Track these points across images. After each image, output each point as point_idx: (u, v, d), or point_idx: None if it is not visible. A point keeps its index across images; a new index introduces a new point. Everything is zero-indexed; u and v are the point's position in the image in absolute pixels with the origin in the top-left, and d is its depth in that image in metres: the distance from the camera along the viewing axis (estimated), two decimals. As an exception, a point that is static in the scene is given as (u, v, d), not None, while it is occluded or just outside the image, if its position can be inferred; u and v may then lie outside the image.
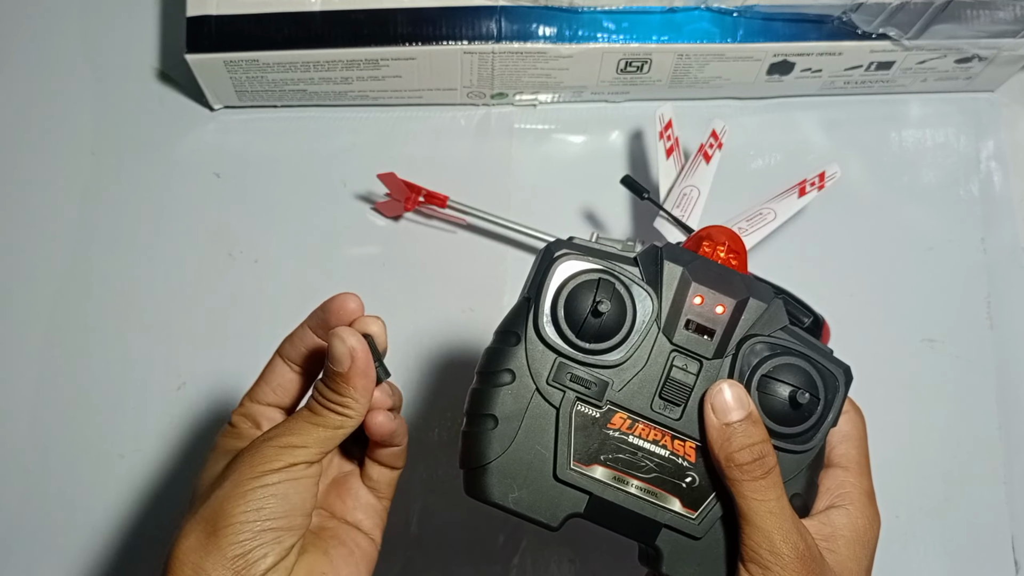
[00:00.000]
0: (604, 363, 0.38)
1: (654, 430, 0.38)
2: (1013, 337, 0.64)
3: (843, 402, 0.38)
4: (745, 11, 0.62)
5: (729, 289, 0.38)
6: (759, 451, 0.36)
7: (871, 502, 0.39)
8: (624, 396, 0.38)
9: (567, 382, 0.37)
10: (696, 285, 0.38)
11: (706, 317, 0.38)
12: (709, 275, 0.38)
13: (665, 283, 0.38)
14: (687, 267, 0.38)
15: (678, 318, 0.38)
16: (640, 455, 0.38)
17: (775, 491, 0.36)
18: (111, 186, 0.66)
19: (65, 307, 0.64)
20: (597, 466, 0.38)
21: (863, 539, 0.38)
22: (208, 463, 0.40)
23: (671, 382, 0.38)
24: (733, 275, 0.39)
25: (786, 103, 0.68)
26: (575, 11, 0.62)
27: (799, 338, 0.39)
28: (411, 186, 0.62)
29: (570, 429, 0.37)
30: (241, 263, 0.65)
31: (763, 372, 0.38)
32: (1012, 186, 0.67)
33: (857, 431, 0.41)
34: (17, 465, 0.61)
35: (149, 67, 0.69)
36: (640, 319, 0.38)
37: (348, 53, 0.61)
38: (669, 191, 0.59)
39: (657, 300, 0.38)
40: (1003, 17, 0.62)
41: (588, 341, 0.37)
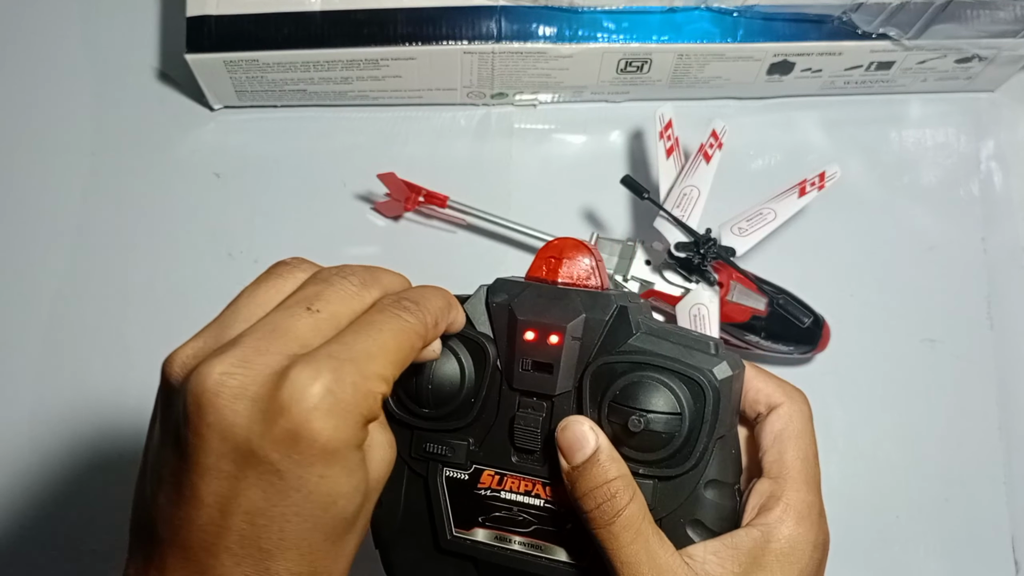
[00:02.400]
0: (457, 425, 0.36)
1: (523, 481, 0.35)
2: (1013, 337, 0.64)
3: (720, 406, 0.33)
4: (745, 11, 0.62)
5: (560, 314, 0.34)
6: (605, 492, 0.32)
7: (803, 519, 0.34)
8: (485, 454, 0.36)
9: (427, 452, 0.36)
10: (522, 320, 0.35)
11: (541, 352, 0.34)
12: (538, 304, 0.35)
13: (496, 326, 0.35)
14: (513, 302, 0.35)
15: (514, 360, 0.35)
16: (516, 509, 0.35)
17: (628, 534, 0.32)
18: (111, 186, 0.66)
19: (65, 307, 0.64)
20: (477, 529, 0.36)
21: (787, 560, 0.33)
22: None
23: (520, 430, 0.35)
24: (568, 295, 0.35)
25: (786, 103, 0.68)
26: (575, 11, 0.62)
27: (651, 346, 0.34)
28: (411, 186, 0.62)
29: (443, 497, 0.36)
30: (241, 263, 0.65)
31: (611, 399, 0.34)
32: (1012, 186, 0.67)
33: (792, 427, 0.35)
34: (17, 465, 0.61)
35: (149, 67, 0.69)
36: (478, 373, 0.35)
37: (348, 53, 0.61)
38: (669, 191, 0.59)
39: (493, 345, 0.35)
40: (1003, 17, 0.62)
41: (431, 408, 0.35)
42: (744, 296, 0.59)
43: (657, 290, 0.59)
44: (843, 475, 0.61)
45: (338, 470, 0.28)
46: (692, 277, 0.58)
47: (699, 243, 0.56)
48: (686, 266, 0.58)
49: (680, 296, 0.58)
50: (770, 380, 0.37)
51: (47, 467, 0.61)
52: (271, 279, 0.33)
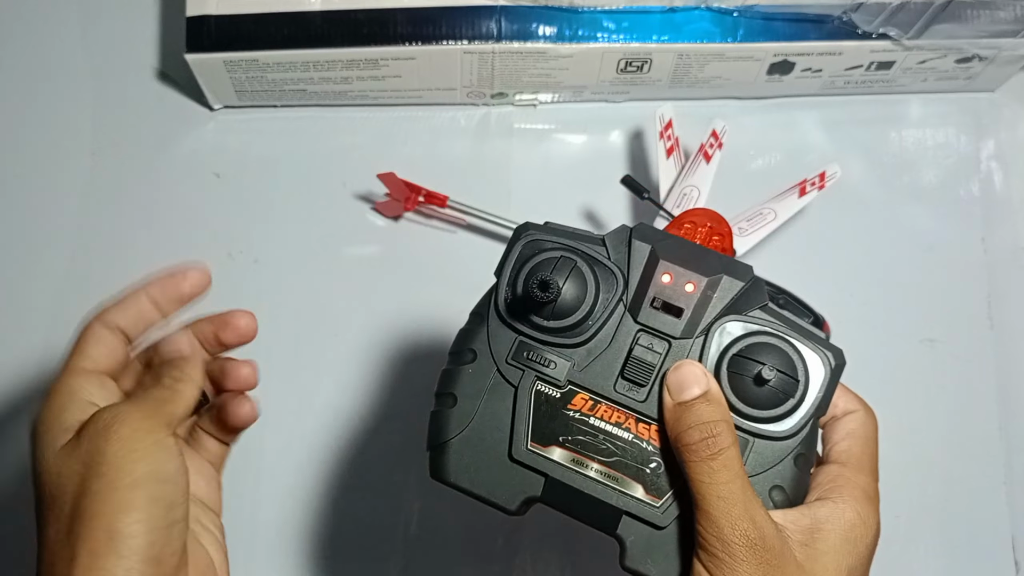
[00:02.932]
0: (566, 342, 0.36)
1: (617, 412, 0.36)
2: (1013, 337, 0.64)
3: (830, 386, 0.36)
4: (745, 11, 0.62)
5: (701, 267, 0.36)
6: (709, 429, 0.34)
7: (867, 501, 0.36)
8: (586, 376, 0.36)
9: (527, 361, 0.36)
10: (664, 263, 0.36)
11: (675, 295, 0.36)
12: (680, 253, 0.37)
13: (632, 262, 0.37)
14: (656, 245, 0.37)
15: (644, 297, 0.36)
16: (601, 438, 0.36)
17: (727, 473, 0.33)
18: (111, 186, 0.66)
19: (65, 307, 0.64)
20: (555, 447, 0.36)
21: (849, 536, 0.34)
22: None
23: (635, 362, 0.36)
24: (709, 254, 0.37)
25: (786, 103, 0.68)
26: (575, 11, 0.62)
27: (781, 318, 0.36)
28: (411, 186, 0.62)
29: (529, 409, 0.36)
30: (241, 263, 0.65)
31: (735, 352, 0.36)
32: (1012, 186, 0.67)
33: (864, 430, 0.38)
34: (17, 465, 0.61)
35: (149, 67, 0.69)
36: (603, 298, 0.36)
37: (348, 53, 0.61)
38: (669, 191, 0.59)
39: (623, 278, 0.37)
40: (1003, 17, 0.62)
41: (546, 319, 0.36)
42: (744, 296, 0.59)
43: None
44: (843, 475, 0.61)
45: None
46: (692, 277, 0.58)
47: (699, 243, 0.56)
48: (686, 266, 0.58)
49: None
50: (848, 391, 0.40)
51: (47, 467, 0.61)
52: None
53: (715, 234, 0.40)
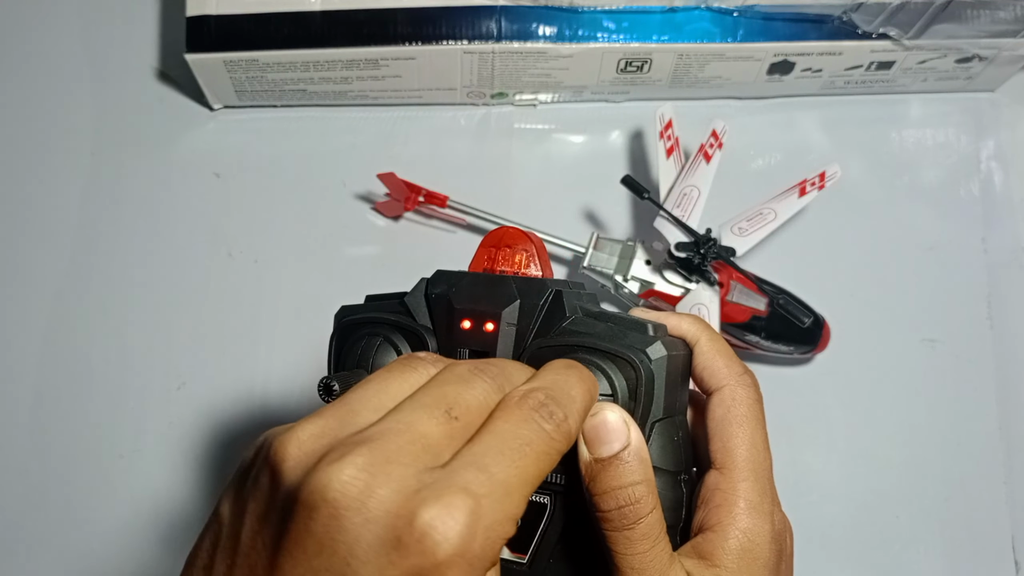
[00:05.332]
0: None
1: None
2: (1013, 337, 0.64)
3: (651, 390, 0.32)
4: (745, 11, 0.62)
5: (495, 300, 0.34)
6: (628, 496, 0.30)
7: (752, 511, 0.32)
8: None
9: None
10: (459, 309, 0.34)
11: (478, 340, 0.34)
12: (475, 293, 0.34)
13: (435, 316, 0.35)
14: (450, 292, 0.35)
15: (454, 350, 0.34)
16: None
17: (645, 543, 0.30)
18: (111, 186, 0.66)
19: (65, 307, 0.64)
20: None
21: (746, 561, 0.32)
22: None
23: None
24: (503, 282, 0.35)
25: (786, 103, 0.68)
26: (575, 11, 0.62)
27: (588, 326, 0.33)
28: (411, 186, 0.62)
29: None
30: (241, 263, 0.65)
31: None
32: (1012, 186, 0.67)
33: (741, 410, 0.34)
34: (17, 465, 0.61)
35: (149, 67, 0.69)
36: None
37: (348, 53, 0.61)
38: (669, 191, 0.59)
39: (432, 337, 0.35)
40: (1003, 17, 0.62)
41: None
42: (744, 296, 0.59)
43: (657, 290, 0.59)
44: (843, 475, 0.61)
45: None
46: (692, 277, 0.58)
47: (699, 243, 0.56)
48: (686, 266, 0.58)
49: (680, 296, 0.58)
50: (718, 358, 0.35)
51: (46, 466, 0.61)
52: (404, 371, 0.30)
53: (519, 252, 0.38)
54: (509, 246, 0.38)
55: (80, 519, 0.60)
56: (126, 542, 0.60)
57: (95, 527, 0.60)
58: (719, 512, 0.33)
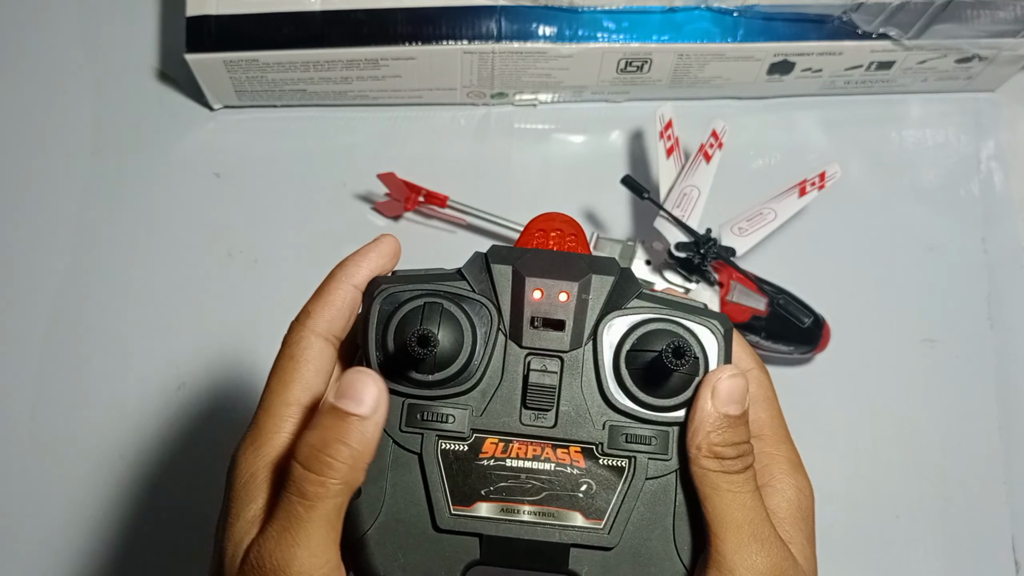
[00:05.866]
0: (456, 391, 0.34)
1: (531, 445, 0.34)
2: (1013, 337, 0.64)
3: (726, 354, 0.35)
4: (745, 11, 0.62)
5: (568, 273, 0.34)
6: (743, 449, 0.33)
7: (796, 470, 0.36)
8: (489, 419, 0.34)
9: (422, 424, 0.34)
10: (531, 279, 0.34)
11: (551, 309, 0.34)
12: (543, 265, 0.35)
13: (498, 287, 0.35)
14: (516, 264, 0.35)
15: (522, 319, 0.34)
16: (524, 477, 0.34)
17: (752, 483, 0.33)
18: (111, 186, 0.66)
19: (65, 307, 0.64)
20: (480, 503, 0.34)
21: (799, 513, 0.35)
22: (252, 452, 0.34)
23: (534, 389, 0.34)
24: (570, 257, 0.36)
25: (786, 103, 0.68)
26: (575, 11, 0.62)
27: (659, 300, 0.35)
28: (411, 186, 0.62)
29: (440, 473, 0.34)
30: (241, 263, 0.65)
31: (628, 348, 0.34)
32: (1012, 186, 0.67)
33: (763, 391, 0.37)
34: (17, 465, 0.61)
35: (149, 67, 0.69)
36: (481, 333, 0.34)
37: (348, 53, 0.61)
38: (669, 191, 0.59)
39: (495, 307, 0.35)
40: (1003, 17, 0.62)
41: (429, 373, 0.34)
42: (744, 296, 0.59)
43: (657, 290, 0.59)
44: (843, 475, 0.61)
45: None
46: (692, 277, 0.58)
47: (699, 243, 0.56)
48: (686, 266, 0.58)
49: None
50: (739, 345, 0.37)
51: (46, 466, 0.61)
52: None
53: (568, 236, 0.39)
54: (560, 230, 0.39)
55: (80, 519, 0.60)
56: (126, 542, 0.60)
57: (95, 527, 0.60)
58: (769, 471, 0.35)
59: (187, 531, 0.59)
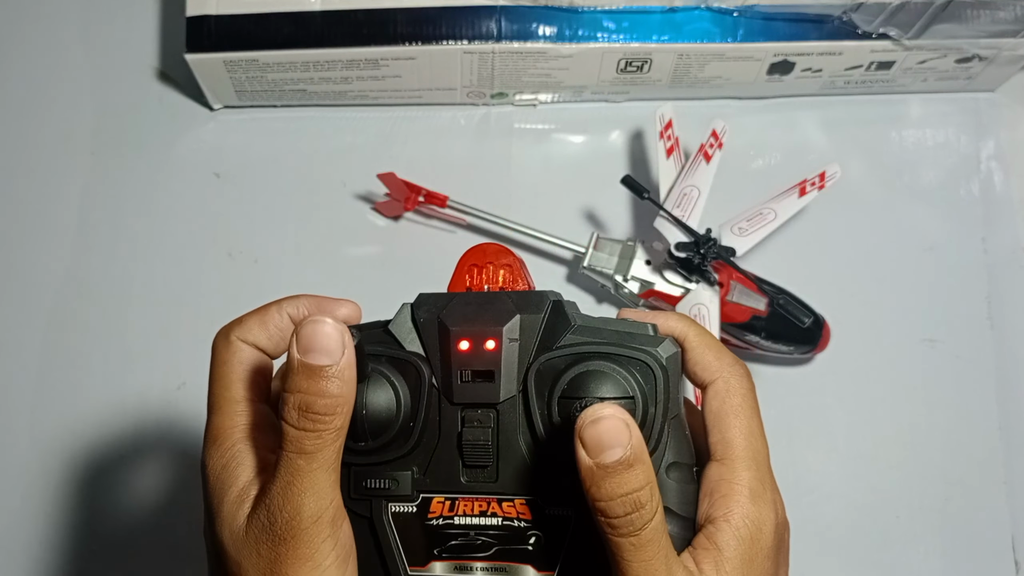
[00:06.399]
0: (398, 454, 0.33)
1: (477, 502, 0.33)
2: (1013, 337, 0.64)
3: (667, 386, 0.32)
4: (745, 11, 0.62)
5: (493, 317, 0.33)
6: (634, 502, 0.29)
7: (755, 499, 0.33)
8: (433, 479, 0.34)
9: (369, 491, 0.33)
10: (455, 330, 0.33)
11: (478, 361, 0.33)
12: (468, 312, 0.33)
13: (427, 342, 0.34)
14: (441, 315, 0.34)
15: (451, 375, 0.33)
16: (473, 534, 0.33)
17: (651, 549, 0.30)
18: (111, 186, 0.66)
19: (65, 307, 0.64)
20: (434, 562, 0.34)
21: (750, 552, 0.32)
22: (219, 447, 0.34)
23: (467, 446, 0.33)
24: (497, 299, 0.34)
25: (786, 103, 0.68)
26: (575, 11, 0.62)
27: (593, 332, 0.33)
28: (411, 186, 0.62)
29: (392, 536, 0.34)
30: (241, 263, 0.65)
31: (559, 395, 0.32)
32: (1012, 186, 0.67)
33: (735, 401, 0.34)
34: (17, 465, 0.61)
35: (149, 67, 0.69)
36: (413, 394, 0.33)
37: (348, 53, 0.61)
38: (669, 191, 0.59)
39: (426, 363, 0.33)
40: (1003, 17, 0.62)
41: (367, 440, 0.33)
42: (744, 296, 0.59)
43: (657, 290, 0.59)
44: (843, 475, 0.61)
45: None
46: (692, 277, 0.58)
47: (699, 243, 0.56)
48: (686, 266, 0.58)
49: (680, 296, 0.58)
50: (708, 352, 0.35)
51: (46, 466, 0.61)
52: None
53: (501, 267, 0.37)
54: (492, 263, 0.37)
55: (80, 519, 0.60)
56: (126, 542, 0.60)
57: (95, 527, 0.60)
58: (725, 502, 0.33)
59: (187, 531, 0.59)
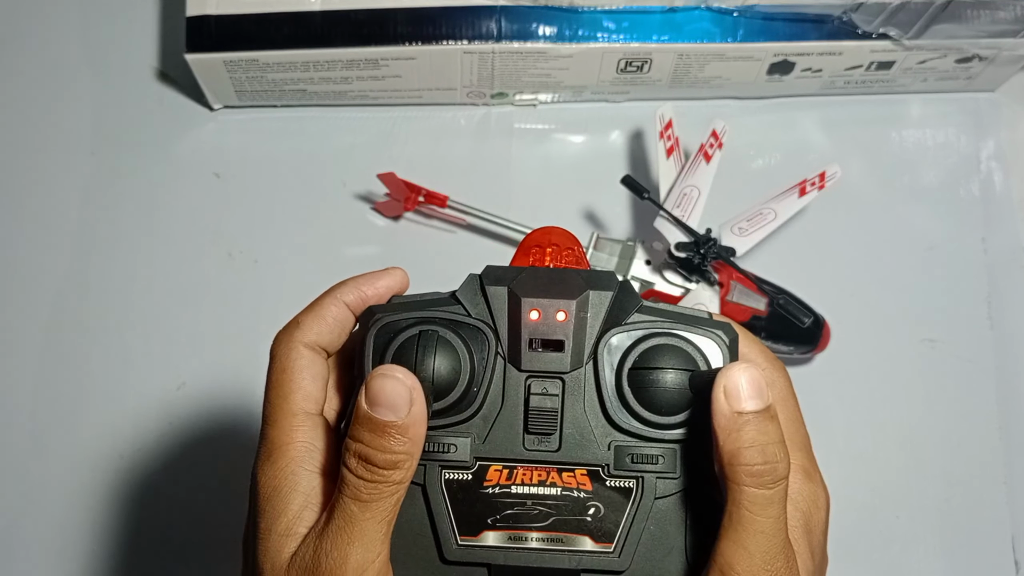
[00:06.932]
0: (457, 419, 0.33)
1: (536, 471, 0.33)
2: (1013, 337, 0.64)
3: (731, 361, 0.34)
4: (745, 11, 0.62)
5: (564, 291, 0.34)
6: (772, 453, 0.30)
7: (808, 479, 0.34)
8: (491, 446, 0.34)
9: (424, 455, 0.33)
10: (526, 300, 0.33)
11: (549, 330, 0.33)
12: (539, 284, 0.34)
13: (495, 310, 0.34)
14: (511, 284, 0.34)
15: (520, 342, 0.33)
16: (530, 504, 0.33)
17: (776, 508, 0.30)
18: (111, 186, 0.66)
19: (65, 307, 0.64)
20: (487, 532, 0.33)
21: (806, 525, 0.33)
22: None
23: (535, 413, 0.33)
24: (566, 274, 0.35)
25: (786, 103, 0.68)
26: (575, 11, 0.62)
27: (660, 313, 0.34)
28: (411, 186, 0.62)
29: (445, 504, 0.33)
30: (241, 263, 0.65)
31: (630, 366, 0.33)
32: (1012, 186, 0.67)
33: (779, 393, 0.36)
34: (17, 465, 0.61)
35: (149, 67, 0.69)
36: (479, 359, 0.34)
37: (348, 53, 0.61)
38: (669, 191, 0.59)
39: (492, 331, 0.34)
40: (1003, 17, 0.62)
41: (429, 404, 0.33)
42: (744, 296, 0.59)
43: (657, 290, 0.59)
44: (843, 475, 0.61)
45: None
46: (692, 277, 0.58)
47: (699, 243, 0.56)
48: (686, 266, 0.58)
49: (680, 296, 0.58)
50: (754, 346, 0.36)
51: (46, 466, 0.61)
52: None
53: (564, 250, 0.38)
54: (556, 244, 0.38)
55: (80, 519, 0.60)
56: (127, 542, 0.60)
57: (95, 527, 0.60)
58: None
59: (187, 531, 0.59)
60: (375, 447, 0.30)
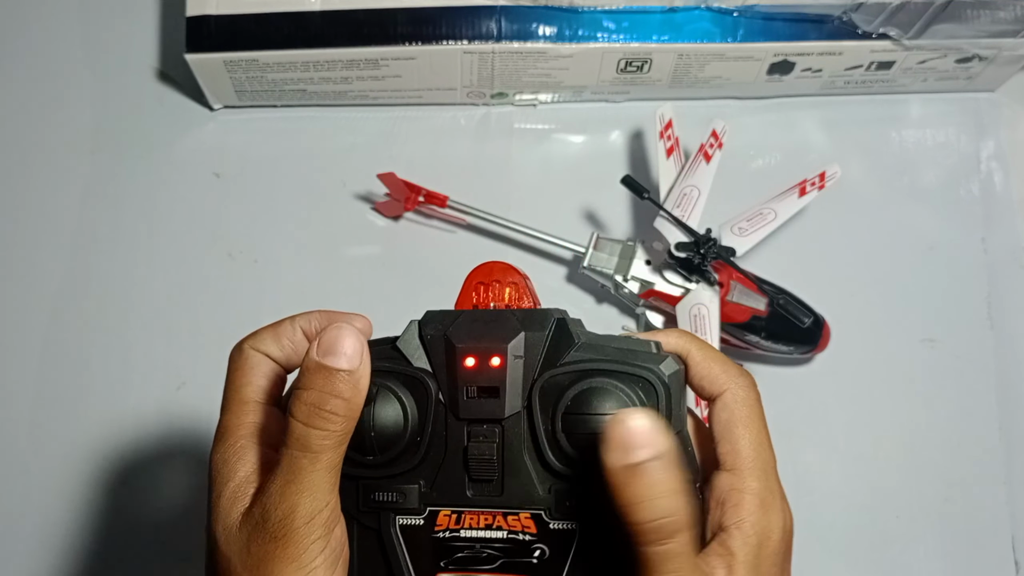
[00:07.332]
0: (405, 468, 0.34)
1: (482, 515, 0.34)
2: (1013, 337, 0.64)
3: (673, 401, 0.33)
4: (745, 11, 0.62)
5: (499, 335, 0.34)
6: (664, 507, 0.29)
7: (765, 508, 0.33)
8: (439, 493, 0.34)
9: (377, 504, 0.34)
10: (461, 347, 0.34)
11: (484, 377, 0.34)
12: (474, 329, 0.34)
13: (433, 359, 0.34)
14: (448, 331, 0.34)
15: (457, 390, 0.34)
16: (479, 547, 0.34)
17: (679, 561, 0.29)
18: (111, 186, 0.66)
19: (65, 307, 0.64)
20: (440, 575, 0.34)
21: (756, 559, 0.33)
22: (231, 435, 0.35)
23: (474, 462, 0.34)
24: (502, 316, 0.35)
25: (786, 103, 0.68)
26: (575, 11, 0.62)
27: (597, 350, 0.34)
28: (411, 186, 0.62)
29: (399, 547, 0.34)
30: (241, 263, 0.65)
31: (563, 411, 0.33)
32: (1012, 186, 0.67)
33: (743, 412, 0.35)
34: (17, 465, 0.61)
35: (149, 67, 0.69)
36: (420, 409, 0.34)
37: (348, 53, 0.61)
38: (669, 191, 0.59)
39: (432, 379, 0.34)
40: (1003, 17, 0.62)
41: (375, 454, 0.34)
42: (744, 296, 0.59)
43: (657, 290, 0.59)
44: (843, 475, 0.61)
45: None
46: (692, 277, 0.58)
47: (699, 243, 0.56)
48: (686, 266, 0.58)
49: (680, 296, 0.58)
50: (714, 365, 0.36)
51: (46, 467, 0.61)
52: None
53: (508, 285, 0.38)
54: (498, 281, 0.38)
55: (80, 519, 0.60)
56: (126, 542, 0.60)
57: (95, 527, 0.60)
58: (737, 511, 0.33)
59: (187, 530, 0.59)
60: (327, 391, 0.31)
